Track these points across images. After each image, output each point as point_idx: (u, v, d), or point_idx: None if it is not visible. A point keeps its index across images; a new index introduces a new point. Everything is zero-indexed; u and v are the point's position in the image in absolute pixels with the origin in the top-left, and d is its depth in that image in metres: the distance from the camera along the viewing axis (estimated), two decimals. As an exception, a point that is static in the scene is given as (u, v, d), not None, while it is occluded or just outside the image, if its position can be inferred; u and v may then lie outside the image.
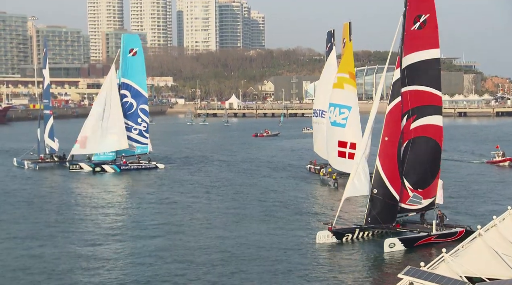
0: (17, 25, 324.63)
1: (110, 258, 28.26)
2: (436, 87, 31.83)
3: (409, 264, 19.06)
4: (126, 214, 38.89)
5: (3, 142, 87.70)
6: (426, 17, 31.17)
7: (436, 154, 32.26)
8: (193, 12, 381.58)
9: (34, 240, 31.61)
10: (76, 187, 50.26)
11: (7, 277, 25.56)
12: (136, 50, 61.54)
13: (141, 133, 60.60)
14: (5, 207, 40.81)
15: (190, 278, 25.24)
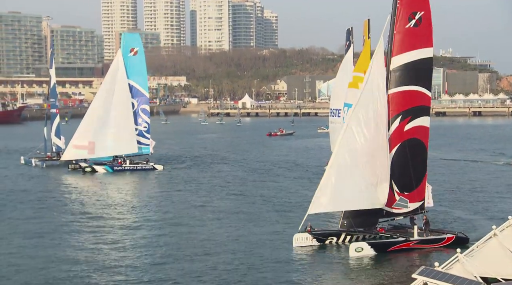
0: (31, 25, 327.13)
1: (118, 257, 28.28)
2: (427, 88, 30.78)
3: (423, 265, 18.96)
4: (128, 213, 38.98)
5: (17, 141, 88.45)
6: (421, 15, 29.95)
7: (423, 156, 31.13)
8: (207, 12, 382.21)
9: (38, 239, 31.70)
10: (83, 186, 50.75)
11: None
12: (137, 49, 60.52)
13: (141, 133, 59.63)
14: (12, 205, 41.15)
15: (202, 279, 25.22)
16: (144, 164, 58.99)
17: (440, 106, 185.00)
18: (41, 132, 66.34)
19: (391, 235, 30.06)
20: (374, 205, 30.04)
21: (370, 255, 28.39)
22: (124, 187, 50.11)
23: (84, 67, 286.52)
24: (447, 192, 45.45)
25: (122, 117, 58.11)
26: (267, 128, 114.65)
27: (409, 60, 30.09)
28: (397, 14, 29.87)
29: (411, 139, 30.31)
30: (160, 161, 62.92)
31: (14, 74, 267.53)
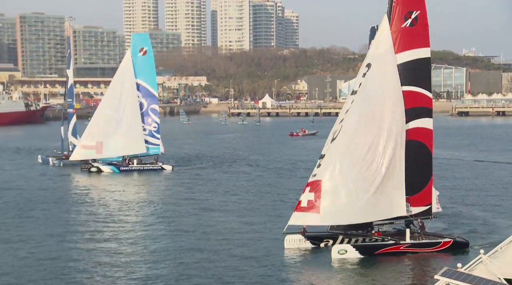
0: (54, 25, 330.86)
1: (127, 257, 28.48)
2: (426, 88, 29.82)
3: (445, 266, 18.76)
4: (133, 214, 39.24)
5: (39, 141, 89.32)
6: (417, 14, 29.23)
7: (427, 159, 30.02)
8: (227, 12, 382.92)
9: (45, 238, 31.97)
10: (88, 185, 51.42)
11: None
12: (146, 49, 60.20)
13: (151, 133, 59.26)
14: (19, 203, 41.66)
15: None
16: (152, 164, 58.67)
17: (463, 106, 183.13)
18: (58, 131, 67.66)
19: (383, 239, 29.22)
20: (391, 215, 29.11)
21: (354, 258, 27.71)
22: (126, 188, 49.90)
23: (106, 67, 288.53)
24: (470, 194, 45.06)
25: (130, 117, 57.98)
26: (288, 128, 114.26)
27: (405, 60, 29.29)
28: (393, 13, 29.24)
29: (410, 140, 29.23)
30: (178, 161, 63.14)
31: (37, 75, 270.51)
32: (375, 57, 29.21)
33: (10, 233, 33.01)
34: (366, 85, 29.02)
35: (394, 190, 28.80)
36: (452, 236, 29.85)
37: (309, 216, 28.62)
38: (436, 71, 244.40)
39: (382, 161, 28.61)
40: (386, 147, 28.66)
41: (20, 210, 39.71)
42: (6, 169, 60.90)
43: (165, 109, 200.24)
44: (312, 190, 28.68)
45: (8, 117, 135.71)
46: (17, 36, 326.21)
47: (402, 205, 28.95)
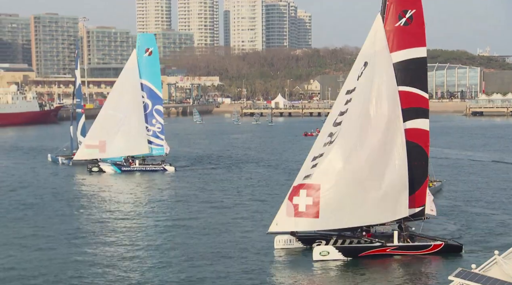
0: (68, 26, 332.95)
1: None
2: (422, 89, 28.98)
3: (460, 267, 18.63)
4: (138, 212, 39.21)
5: (52, 140, 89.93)
6: (412, 13, 28.37)
7: (422, 161, 29.21)
8: (240, 12, 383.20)
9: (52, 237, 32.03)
10: (99, 184, 51.96)
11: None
12: (152, 49, 59.72)
13: (155, 134, 58.93)
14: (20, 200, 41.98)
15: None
16: (154, 165, 58.47)
17: (477, 106, 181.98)
18: (68, 131, 68.34)
19: (371, 241, 28.61)
20: (395, 217, 28.54)
21: (337, 260, 27.16)
22: (130, 188, 49.95)
23: (119, 67, 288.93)
24: (486, 194, 44.80)
25: (133, 117, 57.72)
26: (300, 128, 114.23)
27: (399, 59, 28.54)
28: (387, 12, 28.56)
29: (405, 142, 28.40)
30: (190, 161, 63.15)
31: (51, 75, 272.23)
32: (371, 56, 28.56)
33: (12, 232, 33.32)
34: (362, 85, 28.34)
35: (397, 192, 28.21)
36: (444, 239, 29.17)
37: (308, 221, 27.88)
38: (450, 70, 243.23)
39: (384, 163, 28.02)
40: (388, 149, 28.04)
41: (22, 209, 40.09)
42: (17, 168, 61.54)
43: (178, 109, 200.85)
44: (310, 195, 27.81)
45: (23, 117, 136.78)
46: (31, 37, 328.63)
47: (405, 207, 28.41)
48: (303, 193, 27.96)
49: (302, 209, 27.84)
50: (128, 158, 58.50)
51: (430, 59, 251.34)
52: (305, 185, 28.10)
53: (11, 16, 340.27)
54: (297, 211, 27.94)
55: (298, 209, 27.95)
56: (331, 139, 28.33)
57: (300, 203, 27.93)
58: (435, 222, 34.94)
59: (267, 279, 25.26)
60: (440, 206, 40.86)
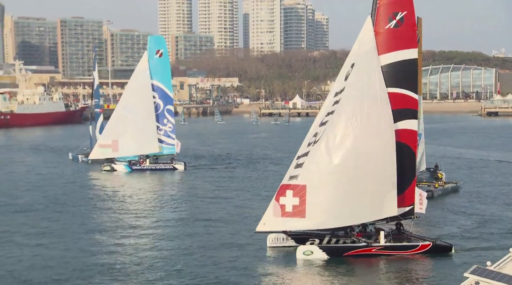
0: (93, 29, 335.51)
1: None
2: (412, 90, 28.49)
3: (475, 264, 18.42)
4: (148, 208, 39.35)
5: (76, 140, 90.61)
6: (403, 15, 27.89)
7: (410, 161, 28.83)
8: (259, 15, 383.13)
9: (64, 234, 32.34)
10: (112, 181, 52.44)
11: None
12: (162, 51, 59.74)
13: (166, 133, 58.92)
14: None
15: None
16: (164, 163, 58.50)
17: (492, 106, 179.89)
18: (88, 130, 69.16)
19: (359, 240, 28.15)
20: (381, 216, 28.11)
21: (321, 259, 26.86)
22: (140, 185, 50.23)
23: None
24: (502, 194, 44.37)
25: (143, 117, 57.77)
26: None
27: (389, 61, 28.09)
28: (377, 14, 28.16)
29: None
30: (210, 160, 63.27)
31: (77, 76, 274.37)
32: (358, 57, 28.18)
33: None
34: (350, 86, 27.94)
35: (385, 191, 27.80)
36: (432, 239, 28.67)
37: (295, 221, 27.57)
38: (465, 71, 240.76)
39: (373, 163, 27.53)
40: (376, 148, 27.54)
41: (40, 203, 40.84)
42: (40, 166, 62.60)
43: (198, 110, 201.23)
44: (297, 195, 27.42)
45: (49, 117, 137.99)
46: (58, 40, 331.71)
47: (394, 206, 27.97)
48: (289, 193, 27.72)
49: (289, 209, 27.64)
50: (141, 157, 58.74)
51: (446, 60, 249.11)
52: (291, 186, 27.82)
53: (38, 20, 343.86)
54: (284, 211, 27.74)
55: (285, 209, 27.75)
56: (315, 139, 28.04)
57: (286, 204, 27.71)
58: (442, 221, 34.81)
59: (252, 275, 25.22)
60: (453, 205, 40.66)
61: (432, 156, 54.27)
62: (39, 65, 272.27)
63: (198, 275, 25.16)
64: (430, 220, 35.28)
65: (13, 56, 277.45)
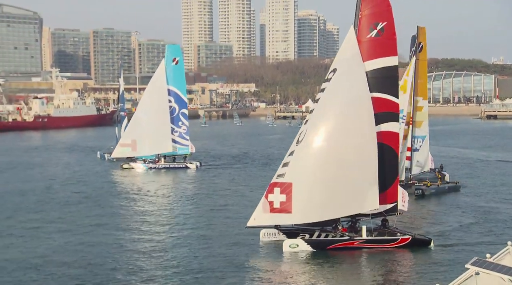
0: (122, 39, 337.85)
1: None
2: (393, 94, 28.31)
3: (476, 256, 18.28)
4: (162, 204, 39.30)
5: (106, 140, 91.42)
6: (383, 25, 27.85)
7: (393, 161, 28.59)
8: (274, 25, 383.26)
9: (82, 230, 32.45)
10: (123, 179, 52.77)
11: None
12: (178, 59, 60.06)
13: (181, 135, 59.08)
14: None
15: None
16: (178, 162, 58.73)
17: (492, 110, 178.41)
18: (115, 132, 69.75)
19: (342, 234, 27.94)
20: (363, 210, 27.80)
21: (306, 252, 26.75)
22: (154, 183, 50.23)
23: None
24: (500, 192, 43.90)
25: (158, 119, 57.94)
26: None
27: (371, 68, 27.85)
28: (359, 24, 28.04)
29: (377, 143, 27.68)
30: (228, 159, 63.29)
31: (107, 82, 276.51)
32: (341, 62, 28.02)
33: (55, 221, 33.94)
34: (332, 89, 27.67)
35: (367, 187, 27.50)
36: (412, 233, 28.39)
37: (282, 216, 27.45)
38: (466, 78, 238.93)
39: (355, 161, 27.25)
40: (358, 147, 27.28)
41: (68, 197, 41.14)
42: (71, 163, 63.86)
43: (218, 113, 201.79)
44: (283, 192, 27.35)
45: (82, 120, 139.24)
46: (90, 49, 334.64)
47: (375, 200, 27.68)
48: (277, 190, 27.70)
49: (277, 205, 27.63)
50: (158, 156, 59.00)
51: (448, 67, 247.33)
52: (278, 184, 27.76)
53: (73, 31, 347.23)
54: (272, 207, 27.71)
55: (273, 206, 27.72)
56: (299, 138, 28.03)
57: (274, 200, 27.70)
58: (444, 217, 34.50)
59: (240, 265, 25.27)
60: (455, 202, 40.33)
61: (435, 156, 53.78)
62: (73, 72, 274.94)
63: (191, 262, 25.71)
64: (424, 216, 35.34)
65: (50, 64, 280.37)
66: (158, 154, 58.90)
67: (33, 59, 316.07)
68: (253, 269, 24.98)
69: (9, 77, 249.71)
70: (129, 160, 59.45)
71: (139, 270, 24.70)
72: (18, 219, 34.91)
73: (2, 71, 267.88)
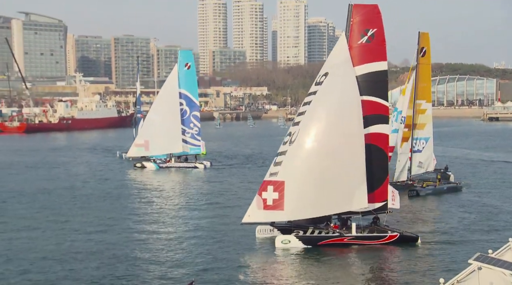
0: (142, 45, 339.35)
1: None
2: (383, 98, 28.24)
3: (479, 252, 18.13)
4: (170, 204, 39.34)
5: (127, 141, 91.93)
6: (373, 31, 27.87)
7: (382, 162, 28.45)
8: (286, 32, 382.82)
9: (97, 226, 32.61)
10: (135, 177, 53.11)
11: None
12: (190, 64, 60.07)
13: (193, 136, 59.07)
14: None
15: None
16: (187, 162, 58.83)
17: (494, 112, 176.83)
18: (132, 133, 70.42)
19: (333, 231, 27.78)
20: (352, 208, 27.62)
21: (297, 248, 26.56)
22: (161, 181, 50.53)
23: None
24: (501, 192, 43.47)
25: (170, 121, 57.97)
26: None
27: (362, 72, 27.86)
28: (351, 31, 28.08)
29: (368, 144, 27.62)
30: (240, 159, 63.33)
31: (127, 86, 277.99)
32: (332, 67, 27.99)
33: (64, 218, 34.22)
34: (324, 92, 27.61)
35: (356, 186, 27.31)
36: (399, 230, 28.18)
37: (275, 213, 27.39)
38: (469, 81, 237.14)
39: (344, 161, 27.10)
40: (347, 147, 27.13)
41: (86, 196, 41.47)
42: (92, 162, 64.69)
43: (232, 115, 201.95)
44: (276, 190, 27.26)
45: (104, 122, 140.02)
46: (112, 55, 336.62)
47: (364, 199, 27.50)
48: (270, 188, 27.60)
49: (270, 202, 27.51)
50: (170, 156, 59.14)
51: (451, 71, 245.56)
52: (271, 182, 27.66)
53: (95, 38, 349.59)
54: (266, 204, 27.60)
55: (266, 203, 27.61)
56: (290, 138, 27.90)
57: (268, 198, 27.58)
58: (448, 215, 34.22)
59: (235, 260, 25.24)
60: (453, 201, 39.99)
61: (439, 156, 53.36)
62: (96, 77, 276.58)
63: (192, 252, 26.12)
64: (418, 215, 35.11)
65: (74, 69, 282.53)
66: (170, 154, 59.05)
67: (58, 64, 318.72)
68: (244, 263, 24.85)
69: (36, 82, 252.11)
70: (143, 160, 59.63)
71: (157, 263, 24.84)
72: (45, 214, 35.25)
73: (30, 75, 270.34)
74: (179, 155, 59.42)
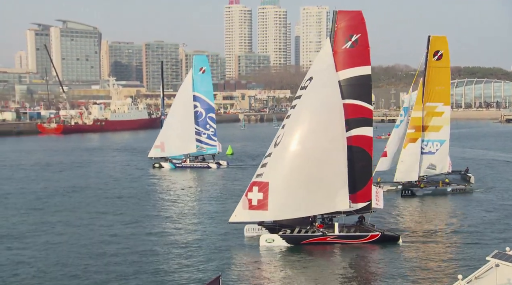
0: (171, 50, 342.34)
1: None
2: (367, 101, 27.82)
3: (496, 249, 17.69)
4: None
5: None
6: (357, 37, 27.44)
7: (366, 163, 27.93)
8: (308, 37, 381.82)
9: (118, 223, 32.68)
10: (159, 176, 53.29)
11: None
12: (205, 68, 60.06)
13: (209, 137, 59.24)
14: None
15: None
16: (200, 162, 59.00)
17: (511, 114, 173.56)
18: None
19: (316, 230, 27.42)
20: (334, 209, 27.16)
21: (281, 246, 26.18)
22: (176, 179, 50.80)
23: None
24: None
25: (184, 122, 58.07)
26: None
27: (346, 77, 27.42)
28: (335, 36, 27.63)
29: (352, 146, 27.25)
30: (255, 159, 63.47)
31: (157, 90, 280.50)
32: (317, 72, 27.58)
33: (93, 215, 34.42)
34: (307, 96, 27.22)
35: (337, 188, 26.85)
36: (382, 230, 27.65)
37: (260, 213, 27.03)
38: (487, 84, 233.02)
39: (326, 163, 26.70)
40: (329, 150, 26.72)
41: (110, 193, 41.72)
42: (120, 161, 65.59)
43: (257, 117, 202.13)
44: (261, 190, 26.95)
45: (136, 123, 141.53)
46: (143, 59, 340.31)
47: (346, 201, 27.01)
48: (255, 189, 27.33)
49: (255, 203, 27.23)
50: (186, 156, 59.35)
51: (469, 74, 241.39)
52: (257, 183, 27.39)
53: (128, 44, 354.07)
54: (251, 204, 27.31)
55: (251, 203, 27.30)
56: (277, 140, 27.66)
57: (253, 198, 27.31)
58: (451, 215, 33.54)
59: (220, 257, 25.02)
60: (453, 201, 39.07)
61: (457, 157, 52.29)
62: (128, 81, 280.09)
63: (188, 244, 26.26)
64: (414, 215, 34.64)
65: (108, 74, 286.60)
66: (186, 154, 59.32)
67: (93, 69, 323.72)
68: (229, 260, 24.62)
69: (72, 85, 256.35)
70: (163, 160, 59.94)
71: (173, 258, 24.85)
72: (79, 211, 35.80)
73: (66, 80, 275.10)
74: (196, 155, 59.64)
